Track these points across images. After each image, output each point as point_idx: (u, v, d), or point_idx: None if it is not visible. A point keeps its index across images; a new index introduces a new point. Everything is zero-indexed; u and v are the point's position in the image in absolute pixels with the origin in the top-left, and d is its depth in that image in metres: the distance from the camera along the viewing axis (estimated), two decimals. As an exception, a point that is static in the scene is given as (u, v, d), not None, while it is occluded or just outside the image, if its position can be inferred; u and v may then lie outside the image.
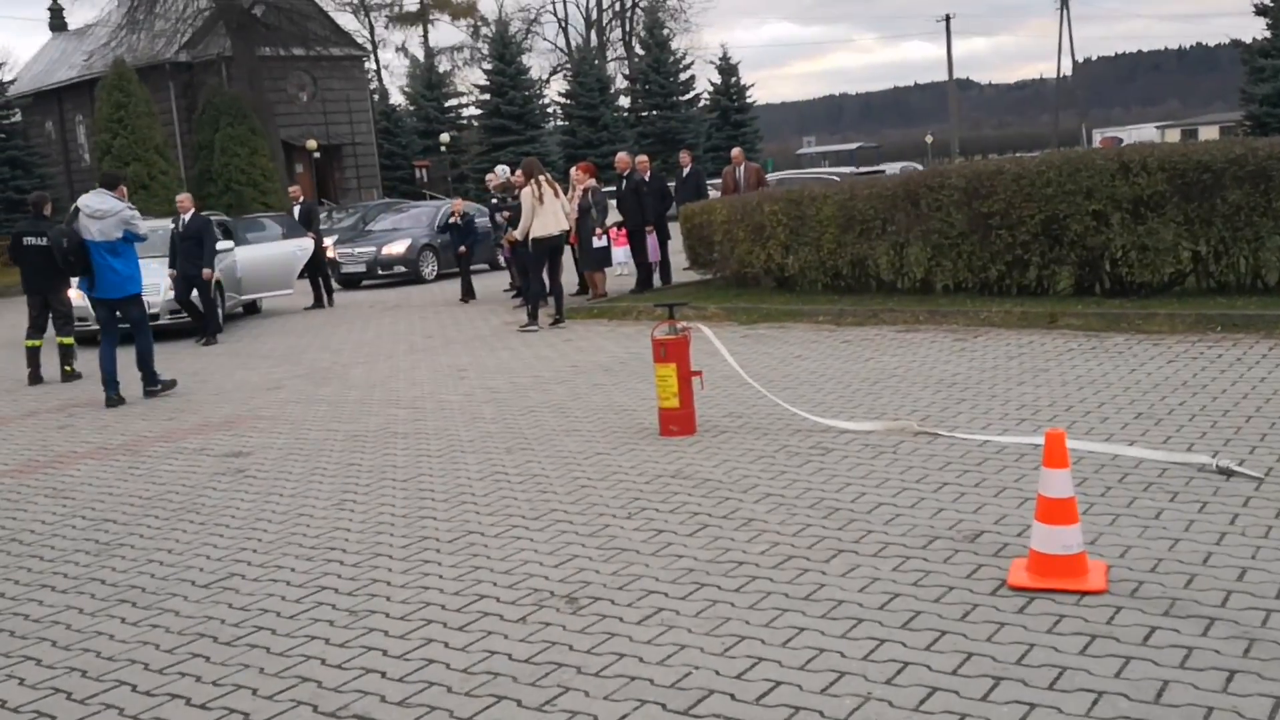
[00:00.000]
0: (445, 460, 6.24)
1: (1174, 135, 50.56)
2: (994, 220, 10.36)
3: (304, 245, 16.42)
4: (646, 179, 14.34)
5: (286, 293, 16.56)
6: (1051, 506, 3.77)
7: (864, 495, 4.98)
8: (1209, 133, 45.85)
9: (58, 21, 51.40)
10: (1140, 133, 51.32)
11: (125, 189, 9.59)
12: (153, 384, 9.45)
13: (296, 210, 17.75)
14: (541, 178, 12.24)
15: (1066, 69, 74.31)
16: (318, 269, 17.07)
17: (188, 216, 13.45)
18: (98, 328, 11.84)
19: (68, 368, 10.91)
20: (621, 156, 14.80)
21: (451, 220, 17.28)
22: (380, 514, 5.27)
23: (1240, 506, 4.44)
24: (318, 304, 16.91)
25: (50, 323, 11.07)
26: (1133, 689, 3.04)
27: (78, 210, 9.26)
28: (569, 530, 4.78)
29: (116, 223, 9.08)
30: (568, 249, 12.94)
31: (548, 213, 12.12)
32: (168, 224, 15.70)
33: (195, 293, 13.34)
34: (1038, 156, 10.60)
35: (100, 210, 9.07)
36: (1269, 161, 9.15)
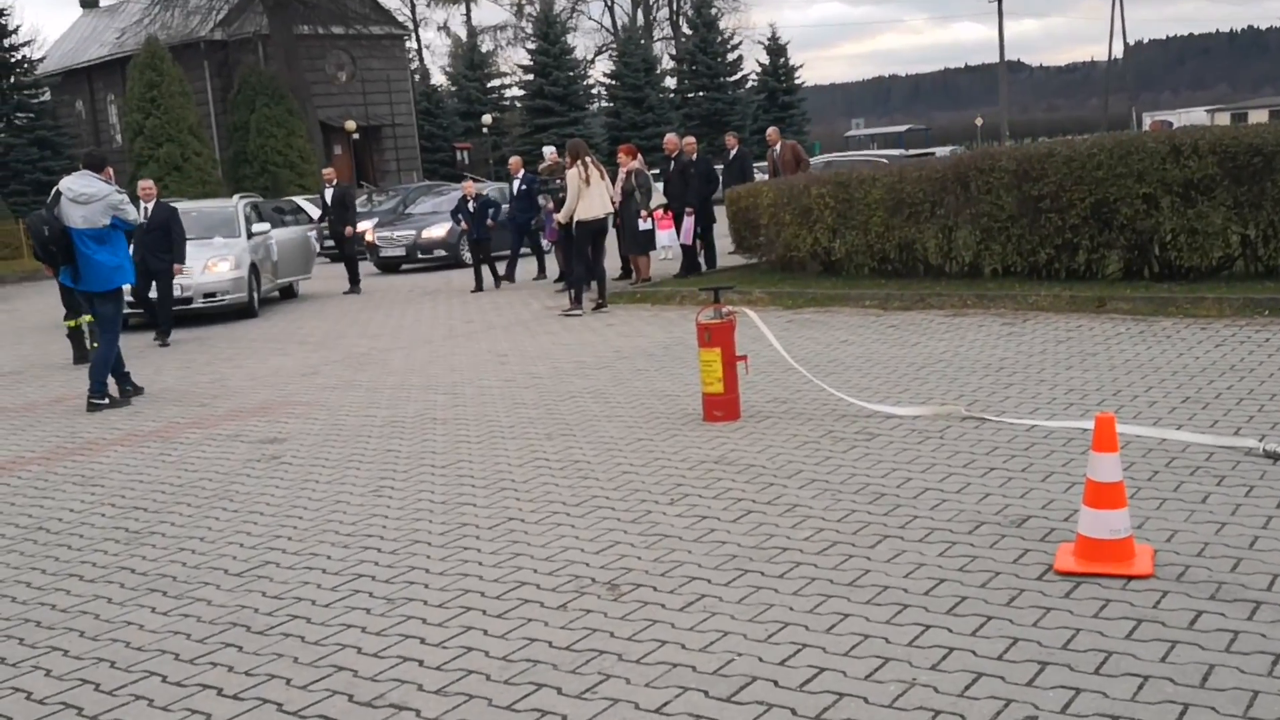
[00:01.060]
0: (485, 446, 6.27)
1: (1224, 119, 49.32)
2: (1044, 203, 10.20)
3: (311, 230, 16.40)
4: (693, 160, 14.26)
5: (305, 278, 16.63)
6: (1100, 491, 3.71)
7: (910, 480, 4.94)
8: (1259, 116, 44.64)
9: (89, -2, 51.65)
10: (1190, 116, 50.15)
11: (111, 170, 8.85)
12: (99, 395, 8.35)
13: (329, 193, 16.92)
14: (588, 159, 12.25)
15: (1118, 52, 72.90)
16: (347, 255, 16.63)
17: (151, 205, 12.31)
18: (128, 310, 11.80)
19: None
20: (670, 138, 14.73)
21: (471, 204, 15.99)
22: (418, 501, 5.29)
23: (1295, 490, 4.35)
24: (354, 288, 16.51)
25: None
26: (1179, 673, 2.99)
27: (59, 194, 8.40)
28: (610, 516, 4.79)
29: (103, 208, 8.26)
30: (611, 232, 12.93)
31: (593, 195, 12.11)
32: (229, 202, 15.86)
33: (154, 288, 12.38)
34: (1088, 139, 10.40)
35: (84, 194, 8.24)
36: (1322, 144, 8.92)
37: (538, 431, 6.53)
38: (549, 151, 16.19)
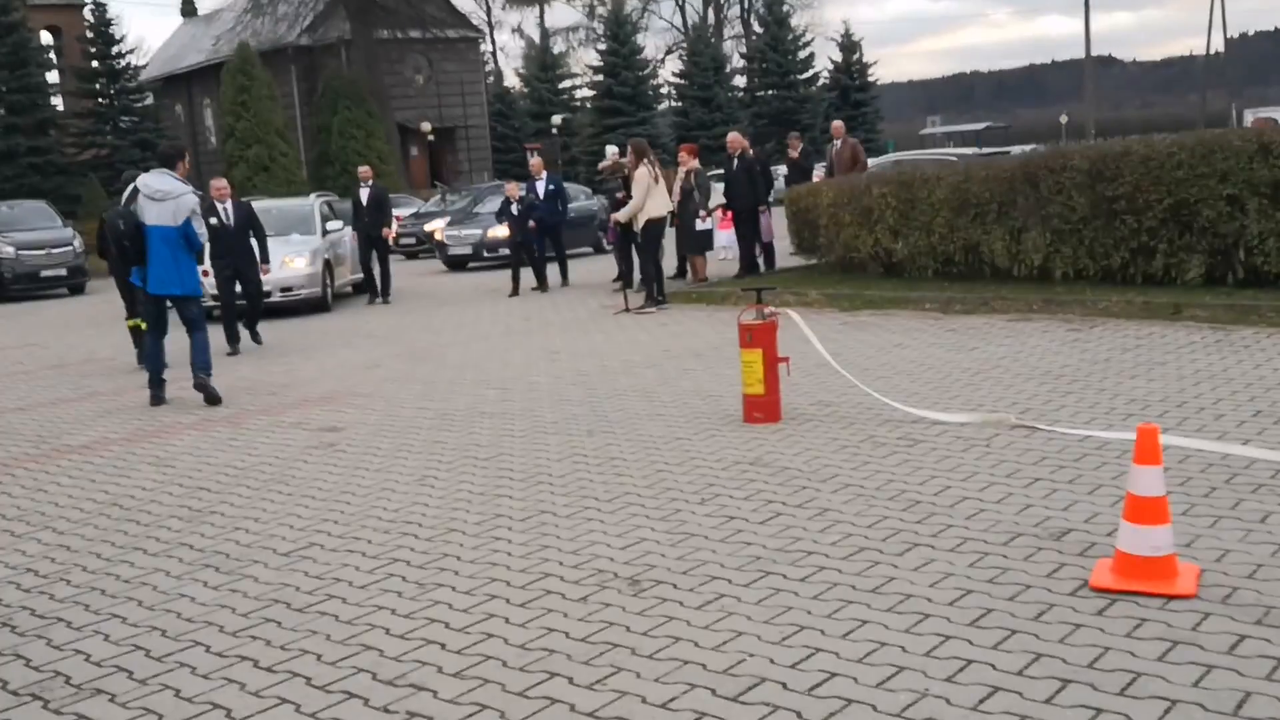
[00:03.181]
0: (527, 441, 6.28)
1: (1334, 118, 47.28)
2: (1119, 204, 9.89)
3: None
4: (736, 158, 13.98)
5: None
6: (1141, 505, 3.55)
7: (948, 489, 4.80)
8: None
9: (188, 7, 53.61)
10: (1297, 114, 48.15)
11: (187, 165, 8.39)
12: (206, 372, 8.20)
13: (365, 193, 15.36)
14: (650, 157, 12.28)
15: (1219, 44, 70.47)
16: (380, 259, 15.33)
17: (228, 205, 11.54)
18: (210, 304, 11.94)
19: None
20: (733, 136, 14.64)
21: (514, 207, 15.14)
22: (459, 491, 5.33)
23: (1357, 512, 4.13)
24: (374, 296, 15.26)
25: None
26: (1210, 699, 2.84)
27: (136, 190, 8.21)
28: (640, 513, 4.75)
29: (178, 209, 7.95)
30: (669, 232, 12.91)
31: (659, 193, 12.17)
32: (307, 200, 16.18)
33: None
34: (1168, 138, 10.05)
35: (161, 190, 7.96)
36: None
37: (579, 428, 6.52)
38: (611, 151, 16.08)
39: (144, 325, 8.77)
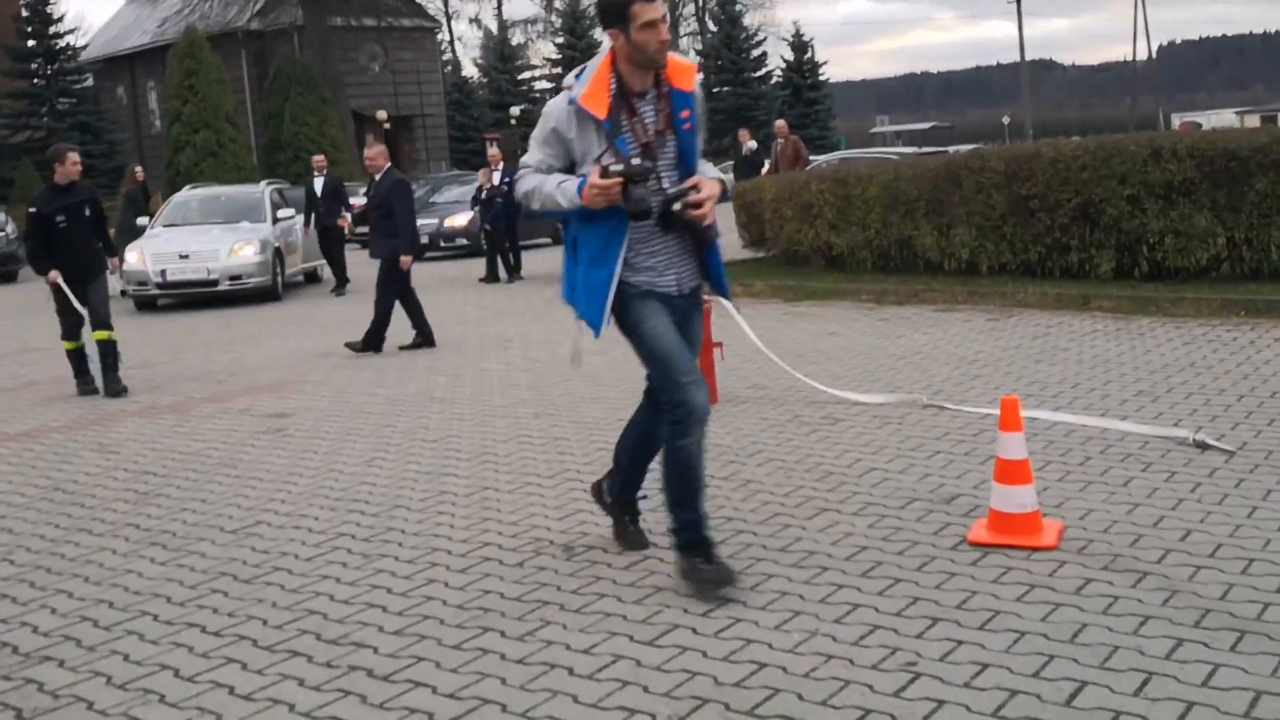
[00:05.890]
0: (475, 424, 6.66)
1: (1253, 120, 48.77)
2: (1033, 203, 10.45)
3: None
4: None
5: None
6: (1007, 467, 4.04)
7: (860, 461, 5.28)
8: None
9: (133, -13, 52.65)
10: (1219, 118, 49.64)
11: (66, 165, 8.19)
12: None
13: (319, 183, 15.33)
14: None
15: (1146, 52, 72.60)
16: (335, 247, 15.36)
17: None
18: (156, 292, 12.27)
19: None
20: None
21: (483, 193, 15.43)
22: (406, 471, 5.68)
23: (1205, 477, 4.65)
24: (341, 286, 15.31)
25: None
26: (1053, 630, 3.32)
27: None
28: (578, 489, 5.15)
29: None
30: None
31: None
32: (257, 188, 16.32)
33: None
34: (1074, 141, 10.65)
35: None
36: (1294, 151, 9.13)
37: (527, 411, 6.92)
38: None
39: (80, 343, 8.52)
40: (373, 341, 9.73)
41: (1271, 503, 4.32)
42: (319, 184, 15.39)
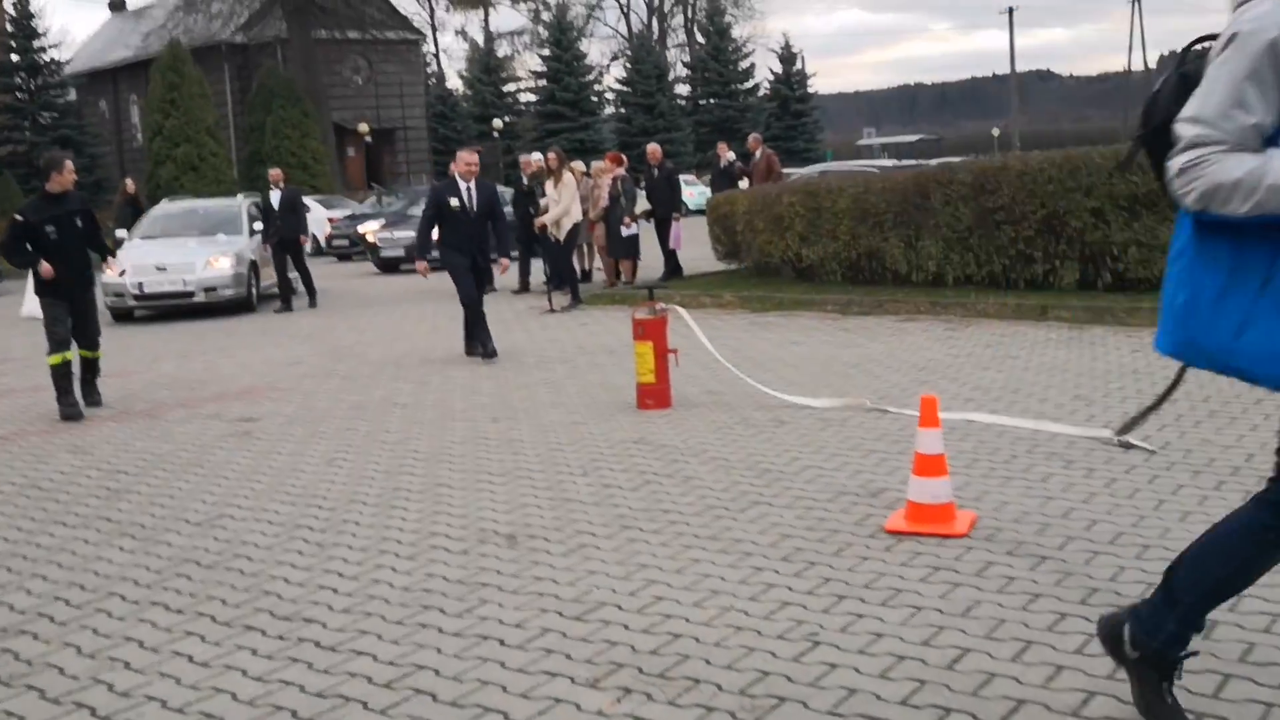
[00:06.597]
0: (435, 427, 6.90)
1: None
2: (999, 215, 10.74)
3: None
4: (656, 169, 14.97)
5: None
6: (924, 461, 4.30)
7: (798, 459, 5.53)
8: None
9: (117, 1, 52.91)
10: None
11: (62, 175, 8.03)
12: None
13: (276, 196, 15.09)
14: (569, 165, 13.17)
15: (1145, 63, 73.37)
16: (297, 264, 15.19)
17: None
18: (134, 304, 12.26)
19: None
20: (653, 148, 15.45)
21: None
22: (365, 470, 5.92)
23: (1122, 473, 4.91)
24: (285, 305, 14.92)
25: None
26: (948, 606, 3.57)
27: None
28: (528, 485, 5.40)
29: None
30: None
31: (577, 199, 13.07)
32: (234, 201, 16.61)
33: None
34: (1040, 155, 10.94)
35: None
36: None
37: (485, 415, 7.16)
38: (536, 157, 16.60)
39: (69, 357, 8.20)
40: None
41: (1179, 497, 4.58)
42: (275, 198, 15.30)
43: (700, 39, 56.49)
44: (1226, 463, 5.00)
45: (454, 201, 9.26)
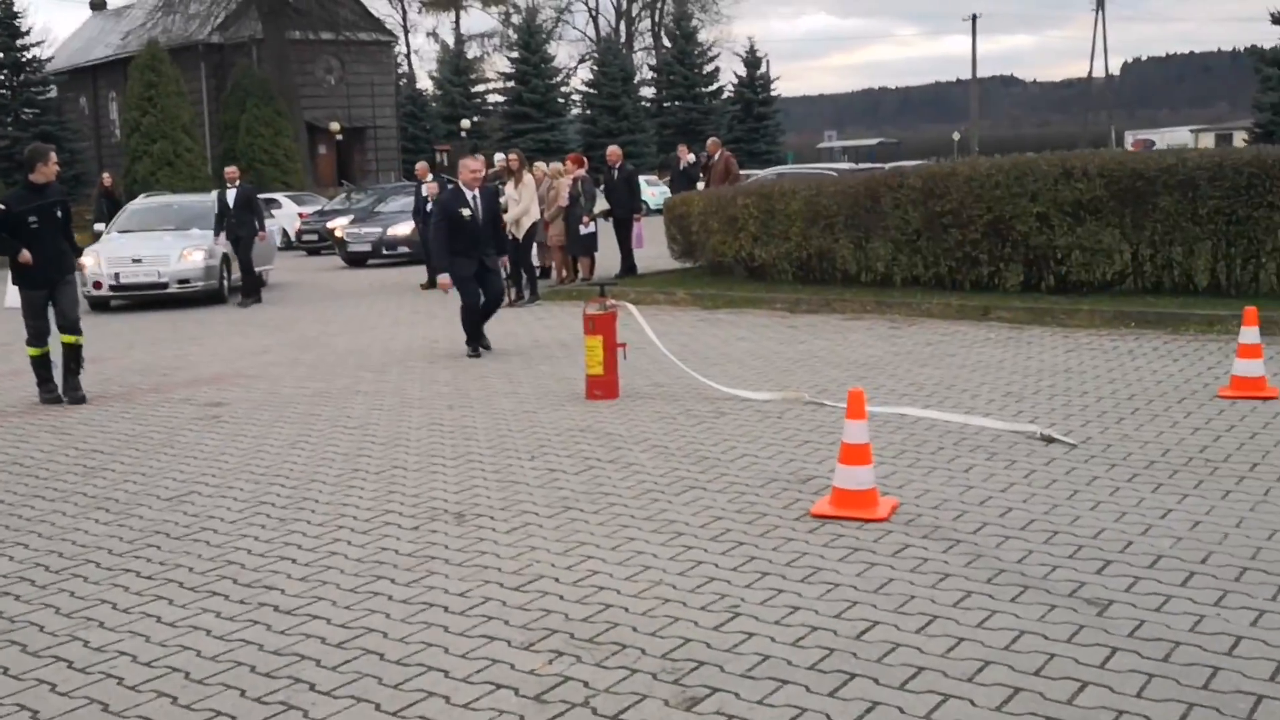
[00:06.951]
0: (393, 414, 7.12)
1: (1208, 140, 50.27)
2: (947, 219, 11.09)
3: None
4: (615, 170, 15.25)
5: None
6: (850, 450, 4.57)
7: (735, 448, 5.80)
8: (1244, 138, 45.72)
9: (98, 1, 52.98)
10: (1174, 136, 51.03)
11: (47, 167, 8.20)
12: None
13: (231, 195, 15.04)
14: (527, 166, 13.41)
15: (1107, 69, 74.77)
16: (244, 263, 15.04)
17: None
18: (110, 294, 12.41)
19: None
20: (613, 150, 15.69)
21: (428, 205, 14.87)
22: (325, 452, 6.15)
23: (1042, 465, 5.23)
24: (248, 296, 15.01)
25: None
26: (863, 583, 3.85)
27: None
28: (478, 469, 5.63)
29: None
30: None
31: (536, 199, 13.29)
32: (208, 197, 16.70)
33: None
34: (987, 161, 11.30)
35: None
36: (1197, 171, 9.83)
37: (441, 403, 7.38)
38: (499, 158, 16.75)
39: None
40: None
41: (1094, 488, 4.89)
42: (231, 195, 15.17)
43: (667, 43, 56.80)
44: (1143, 456, 5.32)
45: (465, 212, 9.29)
